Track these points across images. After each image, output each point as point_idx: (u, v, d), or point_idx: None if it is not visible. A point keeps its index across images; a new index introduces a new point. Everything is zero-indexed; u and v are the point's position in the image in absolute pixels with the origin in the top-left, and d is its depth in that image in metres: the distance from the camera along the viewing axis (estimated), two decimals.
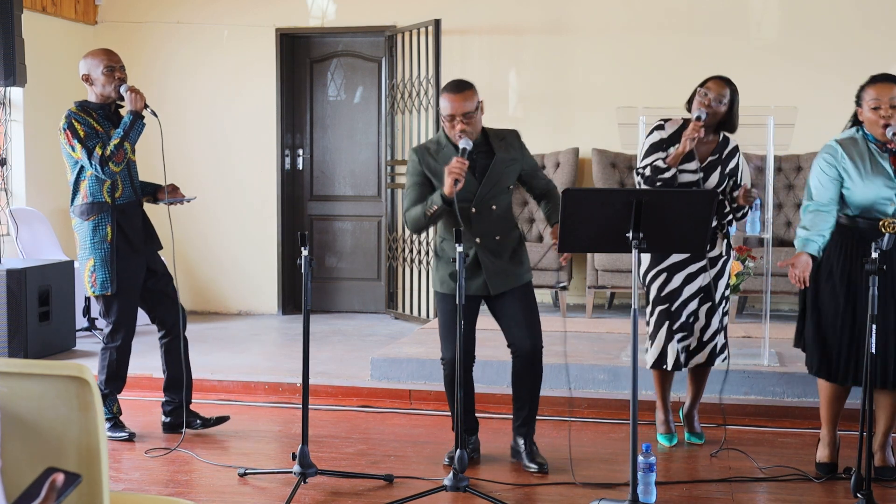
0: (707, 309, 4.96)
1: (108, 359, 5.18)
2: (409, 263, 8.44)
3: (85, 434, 2.15)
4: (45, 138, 8.43)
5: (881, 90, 4.39)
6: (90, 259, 5.06)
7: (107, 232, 5.04)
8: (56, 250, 7.99)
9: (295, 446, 4.53)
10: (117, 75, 5.04)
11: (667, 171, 4.79)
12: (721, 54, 8.09)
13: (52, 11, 8.45)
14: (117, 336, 5.16)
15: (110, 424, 5.21)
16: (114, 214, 5.05)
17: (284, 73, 8.84)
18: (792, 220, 8.03)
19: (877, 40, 7.90)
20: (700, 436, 5.15)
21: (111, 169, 4.96)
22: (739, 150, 5.00)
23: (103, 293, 5.07)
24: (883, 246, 3.97)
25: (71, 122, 5.02)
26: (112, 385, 5.21)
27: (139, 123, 5.03)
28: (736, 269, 5.82)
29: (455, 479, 4.29)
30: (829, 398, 4.57)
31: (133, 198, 5.14)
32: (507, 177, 4.64)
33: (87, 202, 5.07)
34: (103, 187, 5.04)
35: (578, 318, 7.81)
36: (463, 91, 4.51)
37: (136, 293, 5.18)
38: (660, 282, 4.95)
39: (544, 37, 8.41)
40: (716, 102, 4.83)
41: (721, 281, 4.99)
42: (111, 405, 5.25)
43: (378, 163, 8.87)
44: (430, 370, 6.18)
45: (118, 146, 4.96)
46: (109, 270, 5.04)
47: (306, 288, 4.45)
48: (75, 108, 5.09)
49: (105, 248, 5.03)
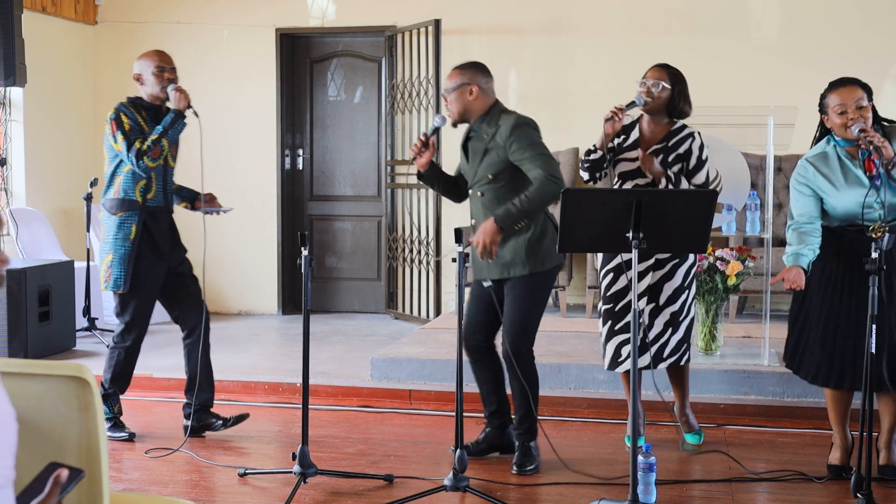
0: (651, 310, 4.88)
1: (115, 358, 5.17)
2: (409, 263, 8.44)
3: (85, 434, 2.16)
4: (45, 138, 8.43)
5: (845, 94, 4.37)
6: (109, 254, 5.04)
7: (131, 230, 5.02)
8: (56, 250, 7.99)
9: (295, 446, 4.53)
10: (167, 76, 5.04)
11: (594, 152, 4.82)
12: (721, 54, 8.09)
13: (52, 11, 8.45)
14: (128, 336, 5.14)
15: (110, 424, 5.20)
16: (142, 215, 5.03)
17: (284, 73, 8.84)
18: None
19: (877, 40, 7.89)
20: (699, 433, 5.09)
21: (146, 163, 4.92)
22: (697, 137, 4.87)
23: (115, 290, 5.06)
24: (883, 246, 3.97)
25: (118, 115, 4.99)
26: (116, 384, 5.20)
27: (180, 122, 5.02)
28: (736, 269, 5.82)
29: (455, 479, 4.30)
30: (833, 400, 4.58)
31: (163, 203, 5.12)
32: (486, 166, 4.61)
33: (118, 197, 5.04)
34: (137, 186, 5.02)
35: (578, 318, 7.81)
36: (452, 70, 4.79)
37: (152, 296, 5.15)
38: (607, 281, 4.93)
39: (544, 37, 8.41)
40: (654, 88, 4.84)
41: (669, 283, 4.86)
42: (112, 405, 5.23)
43: (378, 163, 8.88)
44: (430, 370, 6.18)
45: (156, 142, 4.93)
46: (125, 269, 5.01)
47: (306, 288, 4.45)
48: (126, 102, 5.07)
49: (126, 246, 5.01)
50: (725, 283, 5.84)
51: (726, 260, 5.84)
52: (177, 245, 5.23)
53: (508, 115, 4.63)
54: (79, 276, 7.49)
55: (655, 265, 4.86)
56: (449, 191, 4.90)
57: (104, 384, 5.20)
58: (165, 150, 5.00)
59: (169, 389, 6.24)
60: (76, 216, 8.60)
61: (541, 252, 4.59)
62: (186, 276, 5.23)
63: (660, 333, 4.90)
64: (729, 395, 5.80)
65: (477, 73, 4.70)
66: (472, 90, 4.64)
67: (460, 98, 4.65)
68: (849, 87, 4.38)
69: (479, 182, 4.65)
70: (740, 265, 5.84)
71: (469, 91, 4.64)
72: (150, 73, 5.04)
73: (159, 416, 5.76)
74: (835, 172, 4.41)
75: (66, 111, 8.74)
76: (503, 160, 4.56)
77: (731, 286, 5.85)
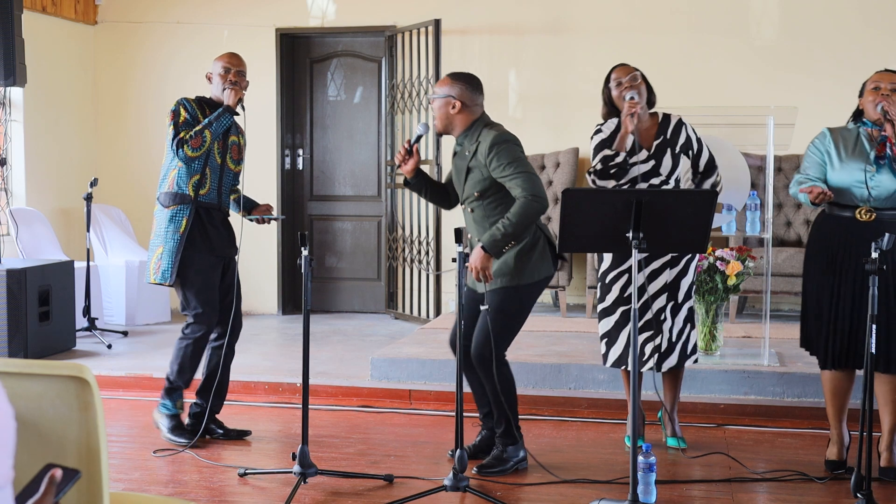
0: (671, 307, 4.89)
1: (183, 350, 5.09)
2: (409, 263, 8.44)
3: (85, 434, 2.15)
4: (45, 138, 8.44)
5: (884, 76, 4.55)
6: (160, 247, 5.01)
7: (182, 224, 4.99)
8: (56, 250, 7.99)
9: (295, 446, 4.53)
10: (230, 77, 5.07)
11: (616, 155, 4.76)
12: (721, 54, 8.10)
13: (52, 11, 8.45)
14: (197, 328, 5.07)
15: (172, 424, 5.12)
16: (193, 208, 5.00)
17: (284, 73, 8.84)
18: (792, 220, 8.03)
19: (876, 41, 7.89)
20: (682, 439, 5.03)
21: (185, 152, 4.91)
22: (684, 121, 4.91)
23: (162, 282, 5.02)
24: (883, 246, 3.97)
25: (178, 107, 5.01)
26: (182, 378, 5.12)
27: (226, 116, 5.03)
28: (736, 269, 5.82)
29: (455, 479, 4.29)
30: (832, 391, 4.61)
31: (216, 201, 5.10)
32: (471, 184, 4.59)
33: (171, 191, 5.02)
34: (190, 181, 5.00)
35: (578, 318, 7.81)
36: (444, 76, 4.73)
37: (211, 288, 5.07)
38: (622, 282, 4.87)
39: (544, 37, 8.41)
40: (632, 82, 4.82)
41: (685, 280, 4.89)
42: (175, 399, 5.15)
43: (378, 163, 8.88)
44: (430, 370, 6.18)
45: (198, 132, 4.93)
46: (173, 261, 4.98)
47: (306, 288, 4.45)
48: (192, 97, 5.09)
49: (176, 239, 4.98)
50: (725, 283, 5.84)
51: (726, 260, 5.84)
52: (231, 244, 5.19)
53: (489, 132, 4.53)
54: (79, 276, 7.49)
55: (672, 262, 4.86)
56: (437, 198, 4.88)
57: (169, 377, 5.13)
58: (207, 142, 4.96)
59: None
60: (76, 216, 8.60)
61: (529, 264, 4.55)
62: (227, 282, 5.16)
63: (681, 330, 4.91)
64: (729, 395, 5.80)
65: (466, 87, 4.59)
66: (455, 104, 4.57)
67: (443, 109, 4.61)
68: (890, 73, 4.56)
69: (468, 199, 4.63)
70: (740, 265, 5.84)
71: (452, 105, 4.58)
72: (217, 73, 5.09)
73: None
74: (847, 144, 4.53)
75: (66, 111, 8.74)
76: (487, 178, 4.52)
77: (731, 286, 5.85)
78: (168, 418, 5.14)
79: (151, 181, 9.18)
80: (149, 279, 5.09)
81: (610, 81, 4.93)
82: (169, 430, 5.11)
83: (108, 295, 8.25)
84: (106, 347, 7.19)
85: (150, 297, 8.32)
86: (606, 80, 4.96)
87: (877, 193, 4.42)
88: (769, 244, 5.99)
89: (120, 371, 6.48)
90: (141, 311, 8.28)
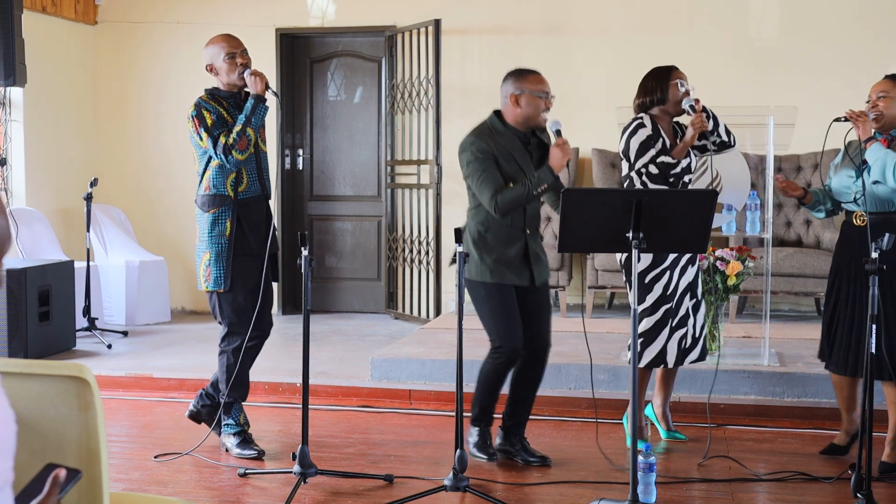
0: (693, 305, 4.99)
1: (225, 363, 4.85)
2: (409, 263, 8.44)
3: (85, 434, 2.15)
4: (45, 138, 8.43)
5: (877, 84, 4.65)
6: (206, 253, 4.78)
7: (226, 226, 4.77)
8: (56, 250, 7.99)
9: (295, 446, 4.53)
10: (239, 61, 4.80)
11: (676, 164, 4.82)
12: (721, 54, 8.09)
13: (52, 11, 8.45)
14: (232, 338, 4.84)
15: (238, 440, 4.90)
16: (235, 209, 4.78)
17: (284, 73, 8.84)
18: (792, 221, 8.03)
19: (877, 41, 7.89)
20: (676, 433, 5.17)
21: (235, 157, 4.69)
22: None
23: (216, 290, 4.78)
24: (883, 246, 3.97)
25: (199, 111, 4.74)
26: (235, 392, 4.87)
27: (261, 107, 4.79)
28: (736, 269, 5.82)
29: (455, 479, 4.30)
30: (836, 384, 4.83)
31: (259, 192, 4.86)
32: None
33: (209, 193, 4.79)
34: (227, 180, 4.78)
35: (579, 318, 7.80)
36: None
37: (249, 293, 4.80)
38: (664, 280, 4.92)
39: (544, 37, 8.41)
40: (690, 87, 4.90)
41: (699, 277, 5.06)
42: (237, 415, 4.93)
43: (378, 163, 8.87)
44: (430, 370, 6.18)
45: (241, 133, 4.70)
46: (224, 267, 4.76)
47: (306, 288, 4.45)
48: (205, 95, 4.83)
49: (222, 243, 4.76)
50: (725, 283, 5.83)
51: (726, 260, 5.84)
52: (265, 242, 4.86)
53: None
54: (79, 276, 7.49)
55: (692, 259, 4.94)
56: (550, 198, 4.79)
57: (223, 395, 4.89)
58: (252, 139, 4.76)
59: (169, 389, 6.25)
60: (76, 216, 8.60)
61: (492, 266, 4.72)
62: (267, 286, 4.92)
63: (702, 326, 5.04)
64: (729, 395, 5.80)
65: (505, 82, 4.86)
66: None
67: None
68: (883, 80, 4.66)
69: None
70: (740, 265, 5.84)
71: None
72: (222, 60, 4.81)
73: (159, 416, 5.76)
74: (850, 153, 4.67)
75: (66, 111, 8.73)
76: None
77: (731, 286, 5.85)
78: (234, 436, 4.93)
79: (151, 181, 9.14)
80: (200, 287, 4.86)
81: (671, 79, 4.91)
82: (237, 446, 4.90)
83: (108, 295, 8.25)
84: (106, 347, 7.19)
85: (150, 297, 8.32)
86: (659, 77, 4.94)
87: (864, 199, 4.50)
88: (769, 244, 5.99)
89: (120, 371, 6.48)
90: (141, 311, 8.28)
